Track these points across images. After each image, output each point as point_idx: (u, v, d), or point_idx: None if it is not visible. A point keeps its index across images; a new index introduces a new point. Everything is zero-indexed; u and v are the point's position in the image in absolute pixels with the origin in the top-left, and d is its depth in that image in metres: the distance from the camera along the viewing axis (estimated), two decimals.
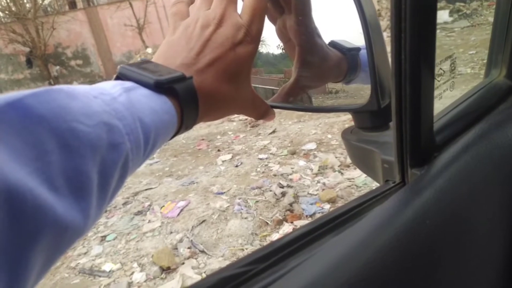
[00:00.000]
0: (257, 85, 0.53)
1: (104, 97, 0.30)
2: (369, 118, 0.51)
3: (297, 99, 0.51)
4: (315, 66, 0.48)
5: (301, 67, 0.48)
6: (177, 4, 0.43)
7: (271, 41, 0.50)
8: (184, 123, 0.37)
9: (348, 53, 0.47)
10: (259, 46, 0.43)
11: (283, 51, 0.50)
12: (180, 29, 0.40)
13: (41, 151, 0.23)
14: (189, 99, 0.36)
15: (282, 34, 0.48)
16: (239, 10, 0.41)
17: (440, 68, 0.45)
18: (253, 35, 0.40)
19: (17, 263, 0.20)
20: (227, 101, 0.40)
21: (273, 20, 0.47)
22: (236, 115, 4.81)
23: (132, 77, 0.34)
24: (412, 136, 0.41)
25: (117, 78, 0.36)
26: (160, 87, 0.34)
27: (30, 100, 0.24)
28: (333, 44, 0.47)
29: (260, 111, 0.45)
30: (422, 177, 0.41)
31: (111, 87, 0.32)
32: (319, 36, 0.47)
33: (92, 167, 0.26)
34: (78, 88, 0.29)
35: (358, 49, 0.46)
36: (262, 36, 0.42)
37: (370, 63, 0.44)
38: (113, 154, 0.28)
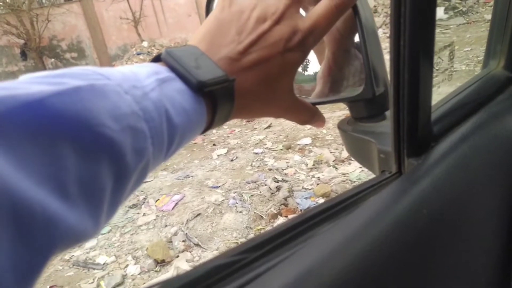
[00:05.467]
0: None
1: (135, 92, 0.27)
2: (365, 107, 0.51)
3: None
4: (342, 74, 0.47)
5: (328, 78, 0.46)
6: None
7: None
8: (214, 123, 0.34)
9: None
10: None
11: None
12: (233, 9, 0.36)
13: (55, 156, 0.21)
14: (224, 101, 0.33)
15: None
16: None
17: (439, 57, 0.45)
18: (308, 45, 0.36)
19: (28, 282, 0.19)
20: (263, 105, 0.37)
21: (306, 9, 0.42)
22: None
23: (174, 67, 0.31)
24: (409, 125, 0.40)
25: (158, 58, 0.33)
26: (200, 89, 0.31)
27: (52, 101, 0.22)
28: (357, 45, 0.46)
29: (303, 117, 0.41)
30: (419, 167, 0.41)
31: (146, 77, 0.29)
32: (353, 45, 0.45)
33: (109, 173, 0.24)
34: (112, 78, 0.27)
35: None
36: None
37: (363, 51, 0.44)
38: (133, 160, 0.26)
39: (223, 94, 0.33)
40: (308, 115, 0.42)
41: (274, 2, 0.35)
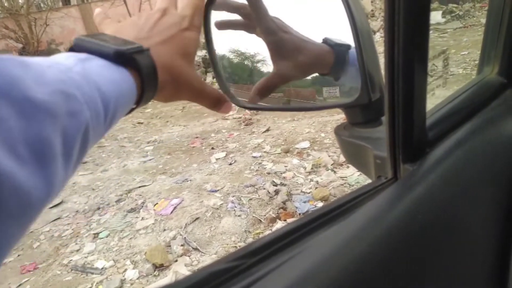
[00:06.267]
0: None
1: (59, 66, 0.29)
2: (361, 113, 0.52)
3: (281, 96, 0.53)
4: (288, 58, 0.51)
5: (273, 61, 0.51)
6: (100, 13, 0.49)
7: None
8: (145, 94, 0.37)
9: (337, 48, 0.48)
10: (262, 65, 0.50)
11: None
12: (126, 21, 0.44)
13: None
14: (148, 69, 0.37)
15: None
16: None
17: (433, 64, 0.45)
18: (196, 24, 0.45)
19: None
20: (181, 77, 0.42)
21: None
22: (230, 113, 4.78)
23: (89, 47, 0.34)
24: (404, 131, 0.41)
25: (72, 50, 0.35)
26: (120, 57, 0.34)
27: None
28: (324, 40, 0.49)
29: (212, 99, 0.47)
30: (414, 172, 0.41)
31: (65, 59, 0.31)
32: (285, 32, 0.49)
33: (53, 134, 0.26)
34: (30, 58, 0.28)
35: (347, 46, 0.47)
36: (263, 56, 0.49)
37: (359, 57, 0.45)
38: (73, 122, 0.28)
39: (144, 62, 0.36)
40: (215, 97, 0.48)
41: (156, 8, 0.45)
